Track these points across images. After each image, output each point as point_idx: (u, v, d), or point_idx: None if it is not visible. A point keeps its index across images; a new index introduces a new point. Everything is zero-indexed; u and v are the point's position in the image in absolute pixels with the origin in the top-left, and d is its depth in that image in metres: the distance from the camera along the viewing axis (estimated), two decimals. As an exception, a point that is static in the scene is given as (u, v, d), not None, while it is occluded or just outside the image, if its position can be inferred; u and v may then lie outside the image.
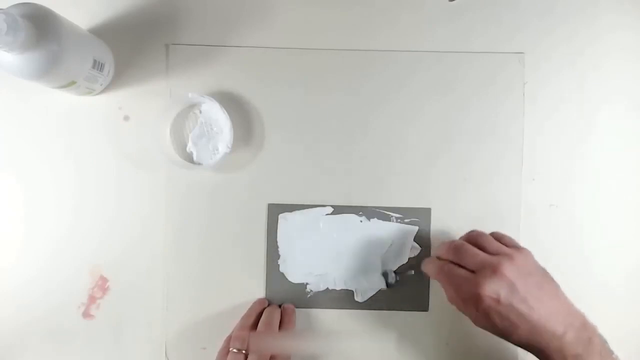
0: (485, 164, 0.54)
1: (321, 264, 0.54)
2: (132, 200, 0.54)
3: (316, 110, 0.54)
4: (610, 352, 0.42)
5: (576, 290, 0.53)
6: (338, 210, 0.54)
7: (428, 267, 0.48)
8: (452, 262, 0.44)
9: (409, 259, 0.54)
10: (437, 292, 0.54)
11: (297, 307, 0.53)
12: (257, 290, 0.54)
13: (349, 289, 0.54)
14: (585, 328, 0.42)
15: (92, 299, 0.53)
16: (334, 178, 0.54)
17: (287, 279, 0.54)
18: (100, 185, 0.54)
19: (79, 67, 0.46)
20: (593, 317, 0.53)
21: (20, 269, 0.53)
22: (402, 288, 0.54)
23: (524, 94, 0.54)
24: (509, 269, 0.41)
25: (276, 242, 0.54)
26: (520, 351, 0.53)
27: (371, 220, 0.54)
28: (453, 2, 0.54)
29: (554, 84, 0.54)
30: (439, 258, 0.47)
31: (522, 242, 0.53)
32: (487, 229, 0.53)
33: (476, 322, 0.43)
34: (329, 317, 0.54)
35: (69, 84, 0.47)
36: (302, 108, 0.54)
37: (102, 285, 0.53)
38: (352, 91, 0.54)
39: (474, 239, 0.46)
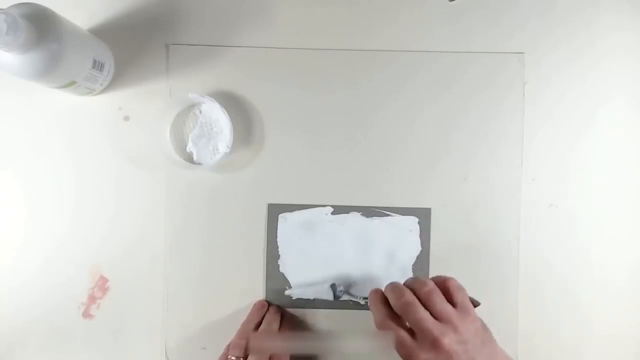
0: (485, 163, 0.54)
1: (321, 264, 0.54)
2: (132, 200, 0.54)
3: (316, 110, 0.54)
4: None
5: (576, 290, 0.54)
6: (338, 210, 0.54)
7: (373, 309, 0.46)
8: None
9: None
10: (437, 292, 0.54)
11: (297, 308, 0.54)
12: (256, 290, 0.54)
13: (349, 289, 0.54)
14: None
15: (92, 299, 0.53)
16: (334, 178, 0.54)
17: (286, 279, 0.54)
18: (100, 185, 0.54)
19: (79, 67, 0.46)
20: (593, 317, 0.54)
21: (20, 268, 0.53)
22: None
23: (523, 94, 0.54)
24: (448, 342, 0.40)
25: (276, 242, 0.54)
26: (519, 350, 0.54)
27: (371, 220, 0.54)
28: (453, 2, 0.54)
29: (554, 84, 0.54)
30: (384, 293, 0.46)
31: (522, 242, 0.54)
32: (487, 229, 0.54)
33: None
34: (329, 318, 0.54)
35: (69, 84, 0.47)
36: (302, 108, 0.54)
37: (102, 285, 0.53)
38: (352, 91, 0.54)
39: (425, 295, 0.43)
